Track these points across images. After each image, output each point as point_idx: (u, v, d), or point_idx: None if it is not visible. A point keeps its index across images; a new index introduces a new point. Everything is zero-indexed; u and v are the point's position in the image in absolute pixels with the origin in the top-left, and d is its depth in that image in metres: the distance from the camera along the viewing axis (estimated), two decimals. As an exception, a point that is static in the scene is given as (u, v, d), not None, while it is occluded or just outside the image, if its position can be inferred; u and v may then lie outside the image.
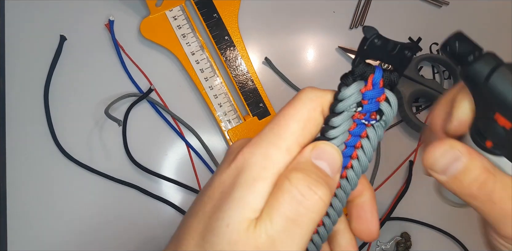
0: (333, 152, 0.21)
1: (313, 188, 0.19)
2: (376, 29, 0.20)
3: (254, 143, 0.21)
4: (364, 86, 0.21)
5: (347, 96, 0.21)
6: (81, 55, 0.48)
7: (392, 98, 0.22)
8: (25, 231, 0.46)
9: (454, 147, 0.22)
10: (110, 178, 0.47)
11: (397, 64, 0.22)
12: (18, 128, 0.47)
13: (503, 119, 0.20)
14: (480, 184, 0.21)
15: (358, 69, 0.21)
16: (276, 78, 0.50)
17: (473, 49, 0.21)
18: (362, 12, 0.52)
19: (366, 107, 0.21)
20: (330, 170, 0.20)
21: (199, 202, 0.22)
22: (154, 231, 0.47)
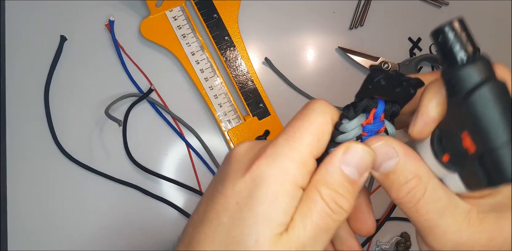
0: (364, 153, 0.21)
1: (339, 203, 0.21)
2: (383, 69, 0.20)
3: (270, 155, 0.21)
4: (365, 120, 0.22)
5: (348, 130, 0.21)
6: (82, 55, 0.48)
7: (391, 130, 0.22)
8: (25, 231, 0.46)
9: (389, 144, 0.22)
10: (110, 178, 0.47)
11: (399, 99, 0.22)
12: (18, 128, 0.47)
13: (469, 141, 0.18)
14: (409, 190, 0.21)
15: (362, 103, 0.21)
16: (276, 79, 0.50)
17: (468, 48, 0.18)
18: (362, 12, 0.52)
19: (365, 139, 0.22)
20: (357, 173, 0.21)
21: (211, 209, 0.22)
22: (154, 231, 0.47)
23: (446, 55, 0.18)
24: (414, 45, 0.53)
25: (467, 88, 0.17)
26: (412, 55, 0.53)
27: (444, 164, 0.20)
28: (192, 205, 0.48)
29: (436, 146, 0.21)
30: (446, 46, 0.18)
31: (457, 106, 0.18)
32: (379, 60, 0.51)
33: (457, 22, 0.18)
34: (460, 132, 0.18)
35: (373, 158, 0.21)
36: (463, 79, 0.17)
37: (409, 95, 0.21)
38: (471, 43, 0.18)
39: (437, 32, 0.18)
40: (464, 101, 0.17)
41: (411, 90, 0.21)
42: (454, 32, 0.18)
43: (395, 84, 0.20)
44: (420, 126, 0.21)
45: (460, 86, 0.17)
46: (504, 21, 0.55)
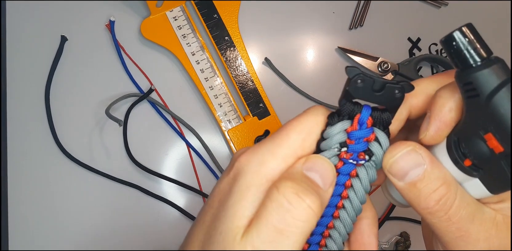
0: (326, 164, 0.20)
1: (301, 195, 0.18)
2: (359, 69, 0.19)
3: (252, 151, 0.20)
4: (350, 126, 0.20)
5: (330, 136, 0.20)
6: (82, 56, 0.48)
7: (382, 139, 0.20)
8: (26, 230, 0.46)
9: (416, 150, 0.20)
10: (110, 177, 0.47)
11: (387, 104, 0.20)
12: (19, 128, 0.47)
13: (495, 142, 0.17)
14: (439, 198, 0.20)
15: (344, 108, 0.20)
16: (276, 79, 0.51)
17: (483, 51, 0.18)
18: (362, 12, 0.52)
19: (352, 147, 0.20)
20: (322, 182, 0.20)
21: (201, 211, 0.22)
22: (154, 230, 0.47)
23: (462, 59, 0.18)
24: (413, 45, 0.53)
25: (489, 89, 0.17)
26: (412, 55, 0.53)
27: (465, 169, 0.20)
28: (192, 204, 0.48)
29: (454, 152, 0.20)
30: (462, 51, 0.18)
31: (477, 108, 0.18)
32: (378, 60, 0.51)
33: (468, 27, 0.18)
34: (483, 134, 0.18)
35: (334, 171, 0.20)
36: (484, 81, 0.17)
37: (396, 100, 0.20)
38: (485, 46, 0.18)
39: (450, 38, 0.18)
40: (487, 102, 0.17)
41: (397, 93, 0.19)
42: (468, 36, 0.18)
43: (377, 87, 0.19)
44: (434, 131, 0.20)
45: (481, 88, 0.17)
46: (503, 21, 0.55)
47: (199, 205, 0.48)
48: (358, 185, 0.21)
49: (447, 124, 0.20)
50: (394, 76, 0.51)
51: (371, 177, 0.21)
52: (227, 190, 0.20)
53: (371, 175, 0.21)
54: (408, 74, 0.51)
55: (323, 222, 0.21)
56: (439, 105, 0.20)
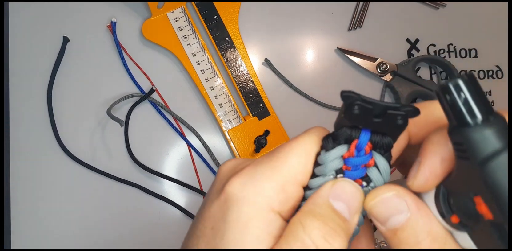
0: (354, 191, 0.18)
1: (329, 239, 0.17)
2: (356, 94, 0.17)
3: (247, 174, 0.19)
4: (346, 152, 0.19)
5: (324, 162, 0.18)
6: (84, 56, 0.49)
7: (382, 165, 0.19)
8: (28, 229, 0.46)
9: (400, 196, 0.18)
10: (112, 177, 0.47)
11: (388, 130, 0.18)
12: (22, 128, 0.47)
13: (485, 208, 0.15)
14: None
15: (340, 133, 0.18)
16: (276, 79, 0.51)
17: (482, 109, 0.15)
18: (361, 14, 0.53)
19: (349, 174, 0.19)
20: (348, 212, 0.18)
21: (192, 234, 0.20)
22: (155, 229, 0.48)
23: (457, 115, 0.16)
24: (412, 46, 0.54)
25: (483, 155, 0.15)
26: (410, 56, 0.54)
27: (452, 224, 0.18)
28: (192, 203, 0.48)
29: (442, 205, 0.18)
30: (457, 106, 0.15)
31: (467, 169, 0.16)
32: (377, 60, 0.51)
33: (467, 79, 0.15)
34: (472, 195, 0.16)
35: (363, 198, 0.18)
36: (478, 144, 0.15)
37: (398, 127, 0.18)
38: (485, 103, 0.15)
39: (445, 89, 0.15)
40: (479, 168, 0.15)
41: (399, 120, 0.17)
42: (466, 90, 0.15)
43: (376, 114, 0.17)
44: (422, 181, 0.18)
45: (473, 151, 0.15)
46: (501, 22, 0.56)
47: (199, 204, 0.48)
48: None
49: (437, 176, 0.18)
50: (393, 77, 0.51)
51: None
52: (220, 217, 0.19)
53: None
54: (407, 75, 0.51)
55: None
56: (430, 153, 0.18)
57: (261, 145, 0.47)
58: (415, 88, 0.51)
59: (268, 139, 0.48)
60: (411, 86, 0.51)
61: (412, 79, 0.51)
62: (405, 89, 0.51)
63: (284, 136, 0.49)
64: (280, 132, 0.49)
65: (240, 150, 0.48)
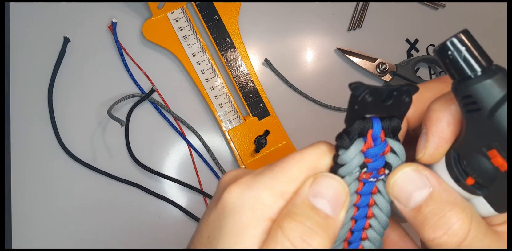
0: (335, 184, 0.18)
1: (307, 239, 0.17)
2: (365, 84, 0.17)
3: (246, 182, 0.18)
4: (364, 144, 0.18)
5: (348, 161, 0.18)
6: (85, 57, 0.49)
7: (398, 148, 0.19)
8: (29, 229, 0.46)
9: (420, 171, 0.18)
10: (112, 177, 0.47)
11: (395, 112, 0.18)
12: (22, 128, 0.48)
13: (500, 159, 0.16)
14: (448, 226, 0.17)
15: (354, 128, 0.18)
16: (275, 79, 0.51)
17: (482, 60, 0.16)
18: (360, 14, 0.53)
19: (371, 165, 0.19)
20: (331, 208, 0.18)
21: (190, 244, 0.20)
22: (155, 229, 0.48)
23: (459, 70, 0.16)
24: (411, 46, 0.54)
25: (491, 103, 0.15)
26: (410, 57, 0.54)
27: (467, 188, 0.18)
28: (193, 203, 0.49)
29: (455, 170, 0.18)
30: (458, 61, 0.16)
31: (479, 123, 0.16)
32: (377, 61, 0.52)
33: (465, 34, 0.16)
34: (486, 150, 0.16)
35: (347, 190, 0.18)
36: (486, 94, 0.16)
37: (405, 105, 0.18)
38: (484, 55, 0.16)
39: (444, 47, 0.16)
40: (489, 117, 0.15)
41: (405, 98, 0.18)
42: (465, 44, 0.16)
43: (385, 97, 0.17)
44: (432, 149, 0.18)
45: (482, 101, 0.16)
46: (500, 22, 0.56)
47: (199, 204, 0.49)
48: (382, 200, 0.19)
49: (446, 140, 0.18)
50: (392, 77, 0.52)
51: None
52: (217, 225, 0.18)
53: None
54: (406, 75, 0.51)
55: (353, 246, 0.20)
56: (435, 120, 0.18)
57: (261, 145, 0.47)
58: (414, 89, 0.51)
59: (268, 139, 0.48)
60: (411, 86, 0.51)
61: (412, 80, 0.51)
62: (405, 89, 0.51)
63: (284, 136, 0.49)
64: (280, 132, 0.49)
65: (240, 150, 0.48)
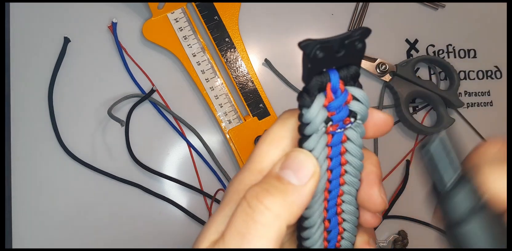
0: (300, 157, 0.18)
1: (259, 197, 0.18)
2: (314, 40, 0.16)
3: (236, 174, 0.21)
4: (325, 98, 0.18)
5: (312, 118, 0.18)
6: (85, 57, 0.49)
7: (360, 94, 0.19)
8: (29, 229, 0.46)
9: None
10: (112, 176, 0.47)
11: (351, 59, 0.18)
12: (22, 128, 0.48)
13: None
14: None
15: (312, 85, 0.18)
16: (275, 79, 0.51)
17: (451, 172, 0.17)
18: (360, 14, 0.53)
19: (336, 118, 0.19)
20: (296, 178, 0.18)
21: None
22: (155, 229, 0.48)
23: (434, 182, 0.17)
24: (411, 46, 0.54)
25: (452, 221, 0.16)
26: (409, 57, 0.54)
27: None
28: (193, 203, 0.49)
29: None
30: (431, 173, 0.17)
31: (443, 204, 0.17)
32: (376, 61, 0.52)
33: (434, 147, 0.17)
34: None
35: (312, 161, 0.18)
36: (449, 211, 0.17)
37: (359, 51, 0.18)
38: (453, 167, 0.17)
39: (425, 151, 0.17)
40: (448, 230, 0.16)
41: (358, 44, 0.17)
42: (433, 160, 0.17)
43: (337, 49, 0.17)
44: None
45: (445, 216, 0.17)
46: (500, 22, 0.56)
47: (199, 204, 0.49)
48: (353, 146, 0.20)
49: None
50: (392, 77, 0.52)
51: (362, 133, 0.20)
52: None
53: (361, 132, 0.20)
54: (406, 75, 0.51)
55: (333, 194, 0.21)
56: None
57: (261, 145, 0.47)
58: (414, 89, 0.51)
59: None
60: (410, 86, 0.51)
61: (411, 80, 0.51)
62: (404, 89, 0.51)
63: (284, 136, 0.49)
64: (280, 132, 0.49)
65: (240, 150, 0.48)
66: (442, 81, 0.54)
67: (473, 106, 0.54)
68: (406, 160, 0.52)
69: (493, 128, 0.54)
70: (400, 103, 0.51)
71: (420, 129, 0.51)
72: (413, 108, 0.53)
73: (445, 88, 0.53)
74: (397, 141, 0.53)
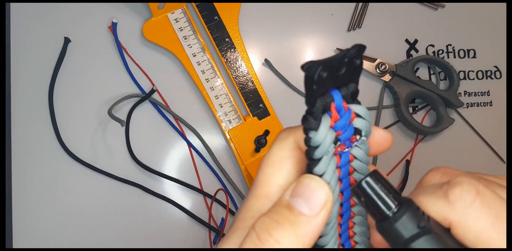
0: (314, 185, 0.18)
1: (269, 230, 0.17)
2: (316, 61, 0.17)
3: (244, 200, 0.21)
4: (330, 119, 0.18)
5: (321, 141, 0.18)
6: (85, 57, 0.49)
7: (361, 111, 0.19)
8: (30, 229, 0.47)
9: None
10: (113, 176, 0.48)
11: (350, 77, 0.18)
12: (23, 128, 0.48)
13: None
14: None
15: (317, 107, 0.18)
16: (275, 79, 0.51)
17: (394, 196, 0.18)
18: (360, 14, 0.53)
19: (343, 137, 0.19)
20: (308, 207, 0.18)
21: None
22: (156, 228, 0.48)
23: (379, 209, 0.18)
24: (410, 46, 0.54)
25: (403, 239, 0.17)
26: (409, 57, 0.54)
27: None
28: (193, 203, 0.49)
29: None
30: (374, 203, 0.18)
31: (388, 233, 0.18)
32: (376, 61, 0.52)
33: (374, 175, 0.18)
34: None
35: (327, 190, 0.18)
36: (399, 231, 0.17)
37: (357, 68, 0.18)
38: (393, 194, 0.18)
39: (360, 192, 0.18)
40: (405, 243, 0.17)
41: (356, 61, 0.18)
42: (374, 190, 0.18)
43: (338, 67, 0.17)
44: None
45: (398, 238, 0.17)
46: (499, 22, 0.56)
47: (200, 204, 0.49)
48: (360, 164, 0.20)
49: None
50: (392, 77, 0.52)
51: (366, 151, 0.20)
52: None
53: (366, 149, 0.20)
54: (406, 75, 0.51)
55: (345, 217, 0.21)
56: None
57: (261, 145, 0.47)
58: (414, 89, 0.51)
59: (268, 139, 0.48)
60: (410, 86, 0.51)
61: (411, 80, 0.51)
62: (404, 89, 0.51)
63: (284, 136, 0.49)
64: (280, 131, 0.49)
65: (240, 150, 0.48)
66: (442, 81, 0.54)
67: (473, 106, 0.54)
68: (406, 160, 0.52)
69: (492, 127, 0.55)
70: (400, 103, 0.51)
71: (420, 129, 0.51)
72: (412, 108, 0.54)
73: (445, 88, 0.53)
74: (397, 141, 0.53)
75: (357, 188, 0.18)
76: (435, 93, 0.51)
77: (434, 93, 0.51)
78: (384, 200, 0.17)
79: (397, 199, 0.17)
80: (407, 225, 0.17)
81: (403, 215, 0.17)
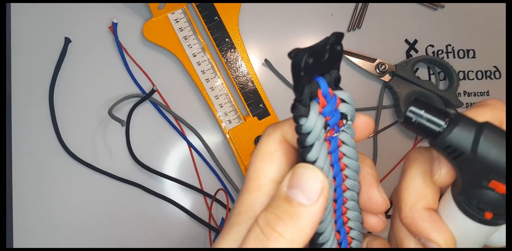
0: (308, 173, 0.18)
1: (272, 225, 0.18)
2: (302, 48, 0.17)
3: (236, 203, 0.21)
4: (318, 105, 0.19)
5: (312, 126, 0.18)
6: (85, 57, 0.49)
7: (346, 96, 0.20)
8: (30, 228, 0.47)
9: None
10: (113, 176, 0.48)
11: (332, 64, 0.19)
12: (23, 128, 0.48)
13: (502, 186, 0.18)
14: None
15: (305, 95, 0.18)
16: (275, 80, 0.51)
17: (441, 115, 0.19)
18: (360, 15, 0.53)
19: (332, 122, 0.19)
20: (305, 196, 0.18)
21: None
22: (156, 228, 0.48)
23: (429, 130, 0.19)
24: (410, 47, 0.54)
25: (469, 144, 0.18)
26: (409, 57, 0.54)
27: (489, 222, 0.20)
28: (193, 203, 0.49)
29: (471, 211, 0.20)
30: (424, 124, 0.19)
31: (469, 164, 0.18)
32: (376, 61, 0.52)
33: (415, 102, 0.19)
34: (487, 183, 0.18)
35: (321, 177, 0.18)
36: (461, 139, 0.18)
37: (338, 54, 0.19)
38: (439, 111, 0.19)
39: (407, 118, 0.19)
40: (474, 156, 0.18)
41: (337, 47, 0.18)
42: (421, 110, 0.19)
43: (322, 53, 0.18)
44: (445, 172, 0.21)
45: (461, 146, 0.18)
46: (499, 23, 0.56)
47: (200, 203, 0.49)
48: (348, 149, 0.20)
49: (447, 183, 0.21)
50: (392, 77, 0.52)
51: (353, 135, 0.21)
52: None
53: (352, 133, 0.21)
54: (405, 76, 0.51)
55: (338, 203, 0.21)
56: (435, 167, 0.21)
57: (261, 145, 0.47)
58: (413, 89, 0.51)
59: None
60: (410, 86, 0.52)
61: (411, 80, 0.51)
62: (404, 89, 0.51)
63: (283, 136, 0.49)
64: (280, 131, 0.49)
65: (240, 150, 0.48)
66: (442, 81, 0.54)
67: (472, 107, 0.54)
68: (406, 159, 0.52)
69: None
70: (400, 103, 0.51)
71: (420, 128, 0.51)
72: (412, 108, 0.53)
73: (445, 89, 0.54)
74: (397, 141, 0.53)
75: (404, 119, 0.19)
76: (434, 94, 0.51)
77: (433, 94, 0.51)
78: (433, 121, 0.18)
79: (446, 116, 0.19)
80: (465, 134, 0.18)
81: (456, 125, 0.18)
